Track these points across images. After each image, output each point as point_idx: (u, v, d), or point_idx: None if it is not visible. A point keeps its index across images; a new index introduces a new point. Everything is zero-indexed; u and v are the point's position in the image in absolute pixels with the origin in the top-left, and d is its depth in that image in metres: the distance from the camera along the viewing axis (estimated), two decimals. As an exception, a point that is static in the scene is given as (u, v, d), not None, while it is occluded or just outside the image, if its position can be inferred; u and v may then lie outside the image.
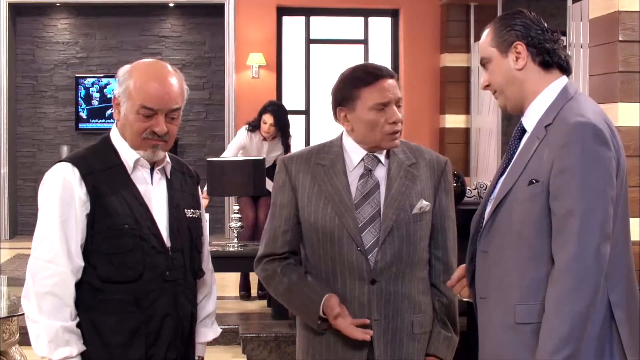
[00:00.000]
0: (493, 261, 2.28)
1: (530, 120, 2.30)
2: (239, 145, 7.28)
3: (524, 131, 2.33)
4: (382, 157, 2.61)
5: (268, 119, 7.18)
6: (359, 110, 2.55)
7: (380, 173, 2.59)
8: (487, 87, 2.38)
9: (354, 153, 2.60)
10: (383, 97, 2.52)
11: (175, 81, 2.47)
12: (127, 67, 2.50)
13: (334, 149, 2.63)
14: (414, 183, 2.58)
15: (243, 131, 7.33)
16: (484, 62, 2.37)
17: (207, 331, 2.71)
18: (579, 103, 2.25)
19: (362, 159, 2.59)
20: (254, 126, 7.26)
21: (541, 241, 2.17)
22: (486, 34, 2.36)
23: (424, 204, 2.57)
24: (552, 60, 2.30)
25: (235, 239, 6.19)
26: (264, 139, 7.26)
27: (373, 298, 2.53)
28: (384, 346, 2.54)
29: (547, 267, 2.16)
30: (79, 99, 10.50)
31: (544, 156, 2.19)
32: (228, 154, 7.24)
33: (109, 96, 10.31)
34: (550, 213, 2.16)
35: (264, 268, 2.66)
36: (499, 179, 2.34)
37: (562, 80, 2.31)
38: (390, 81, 2.55)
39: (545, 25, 2.33)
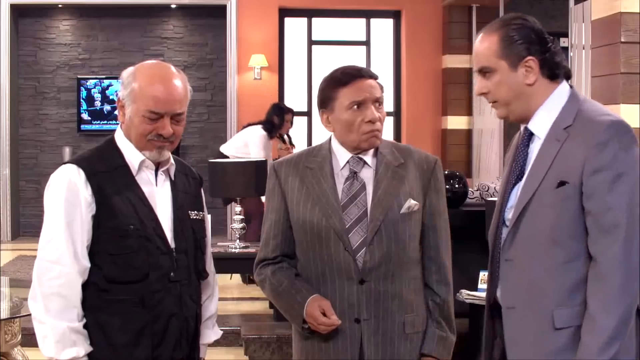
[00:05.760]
0: (521, 269, 2.24)
1: (540, 125, 2.27)
2: (267, 150, 7.74)
3: (530, 137, 2.30)
4: (368, 159, 2.60)
5: (290, 118, 7.99)
6: (337, 111, 2.56)
7: (367, 174, 2.59)
8: (484, 94, 2.32)
9: (341, 155, 2.61)
10: (358, 95, 2.52)
11: (180, 83, 2.48)
12: (130, 69, 2.50)
13: (322, 152, 2.64)
14: (402, 183, 2.58)
15: (265, 136, 7.79)
16: (485, 71, 2.29)
17: (209, 333, 2.72)
18: (594, 105, 2.25)
19: (348, 162, 2.60)
20: (274, 130, 7.83)
21: (577, 243, 2.16)
22: (490, 42, 2.27)
23: (412, 203, 2.57)
24: (559, 72, 2.28)
25: (237, 240, 6.19)
26: (271, 137, 7.89)
27: (362, 298, 2.53)
28: (375, 346, 2.54)
29: (584, 268, 2.15)
30: (81, 100, 10.50)
31: (572, 157, 2.16)
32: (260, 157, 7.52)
33: (111, 97, 10.31)
34: (583, 213, 2.14)
35: (259, 273, 2.68)
36: (513, 186, 2.30)
37: (565, 84, 2.29)
38: (369, 81, 2.55)
39: (546, 34, 2.29)
